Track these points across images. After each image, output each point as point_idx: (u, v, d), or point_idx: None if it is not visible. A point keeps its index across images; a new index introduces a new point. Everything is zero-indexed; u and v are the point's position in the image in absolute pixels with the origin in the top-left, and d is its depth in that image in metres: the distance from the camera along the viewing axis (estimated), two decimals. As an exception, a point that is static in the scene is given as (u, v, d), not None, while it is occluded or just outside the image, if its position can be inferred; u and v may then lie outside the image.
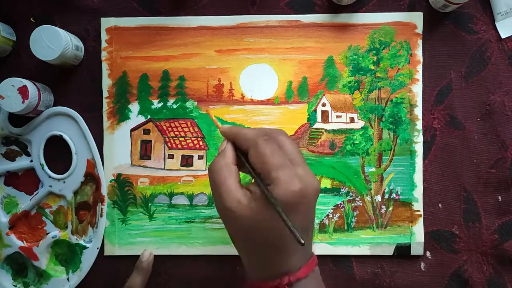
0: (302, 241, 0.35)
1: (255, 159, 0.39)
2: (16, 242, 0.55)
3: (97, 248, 0.54)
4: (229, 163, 0.40)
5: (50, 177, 0.55)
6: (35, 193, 0.55)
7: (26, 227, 0.55)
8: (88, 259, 0.54)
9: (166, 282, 0.55)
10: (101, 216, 0.54)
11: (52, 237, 0.55)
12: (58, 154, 0.55)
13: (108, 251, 0.55)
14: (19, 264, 0.55)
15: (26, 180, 0.55)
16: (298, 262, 0.39)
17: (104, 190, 0.55)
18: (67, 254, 0.55)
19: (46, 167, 0.55)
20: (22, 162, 0.55)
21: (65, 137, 0.54)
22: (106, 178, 0.55)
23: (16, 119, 0.54)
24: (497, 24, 0.54)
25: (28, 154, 0.55)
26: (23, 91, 0.50)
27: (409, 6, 0.54)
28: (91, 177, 0.55)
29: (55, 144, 0.55)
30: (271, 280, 0.38)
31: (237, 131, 0.42)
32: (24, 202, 0.55)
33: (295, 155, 0.39)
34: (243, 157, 0.41)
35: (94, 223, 0.55)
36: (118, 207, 0.55)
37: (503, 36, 0.54)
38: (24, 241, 0.55)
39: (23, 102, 0.50)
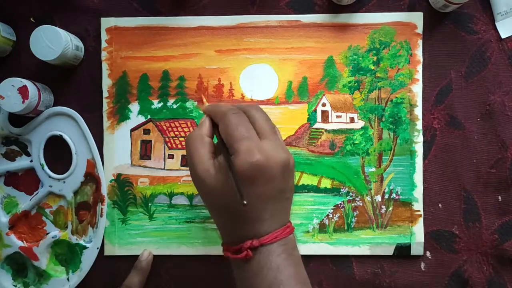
0: (244, 202, 0.37)
1: (222, 131, 0.42)
2: (16, 242, 0.55)
3: (97, 248, 0.54)
4: (203, 134, 0.43)
5: (50, 177, 0.55)
6: (35, 193, 0.55)
7: (26, 227, 0.55)
8: (88, 259, 0.54)
9: (166, 282, 0.55)
10: (101, 216, 0.54)
11: (52, 237, 0.55)
12: (58, 154, 0.55)
13: (108, 251, 0.55)
14: (19, 264, 0.55)
15: (26, 180, 0.55)
16: (268, 228, 0.41)
17: (104, 190, 0.55)
18: (67, 254, 0.55)
19: (46, 167, 0.55)
20: (22, 162, 0.55)
21: (65, 137, 0.54)
22: (106, 178, 0.55)
23: (16, 119, 0.54)
24: (497, 24, 0.54)
25: (28, 154, 0.55)
26: (23, 91, 0.50)
27: (409, 6, 0.54)
28: (91, 177, 0.55)
29: (55, 144, 0.55)
30: (236, 244, 0.41)
31: (213, 107, 0.45)
32: (24, 202, 0.55)
33: (265, 129, 0.42)
34: (216, 130, 0.43)
35: (94, 223, 0.55)
36: (118, 207, 0.55)
37: (503, 36, 0.54)
38: (24, 241, 0.55)
39: (23, 102, 0.50)
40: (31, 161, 0.55)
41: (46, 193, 0.55)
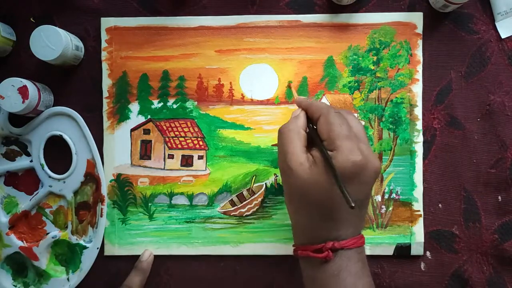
0: (353, 204, 0.36)
1: (323, 126, 0.42)
2: (16, 242, 0.55)
3: (97, 248, 0.54)
4: (300, 127, 0.43)
5: (50, 177, 0.55)
6: (35, 193, 0.55)
7: (26, 227, 0.55)
8: (88, 259, 0.54)
9: (166, 282, 0.55)
10: (101, 216, 0.54)
11: (52, 237, 0.55)
12: (58, 154, 0.55)
13: (108, 251, 0.55)
14: (19, 264, 0.55)
15: (26, 180, 0.55)
16: (346, 234, 0.41)
17: (104, 190, 0.55)
18: (67, 254, 0.55)
19: (46, 167, 0.55)
20: (22, 162, 0.55)
21: (65, 137, 0.54)
22: (106, 178, 0.55)
23: (16, 119, 0.54)
24: (497, 24, 0.54)
25: (28, 154, 0.55)
26: (23, 91, 0.50)
27: (409, 6, 0.54)
28: (91, 177, 0.55)
29: (55, 144, 0.55)
30: (316, 244, 0.41)
31: (311, 102, 0.45)
32: (24, 202, 0.55)
33: (361, 133, 0.42)
34: (310, 125, 0.44)
35: (94, 223, 0.55)
36: (118, 207, 0.55)
37: (503, 36, 0.54)
38: (24, 241, 0.55)
39: (23, 102, 0.50)
40: (31, 161, 0.55)
41: (46, 193, 0.55)
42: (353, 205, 0.37)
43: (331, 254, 0.40)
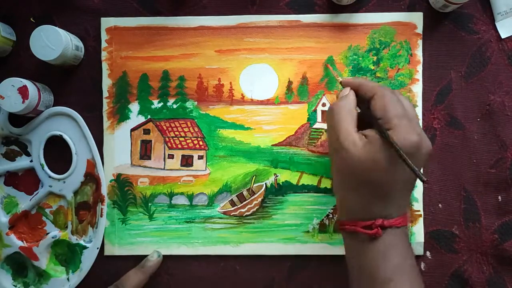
0: (425, 178, 0.38)
1: (378, 106, 0.42)
2: (16, 242, 0.55)
3: (97, 248, 0.54)
4: (351, 106, 0.44)
5: (50, 177, 0.55)
6: (35, 193, 0.55)
7: (26, 227, 0.55)
8: (88, 259, 0.54)
9: (166, 282, 0.55)
10: (101, 216, 0.54)
11: (52, 237, 0.55)
12: (58, 154, 0.55)
13: (108, 251, 0.55)
14: (19, 264, 0.55)
15: (26, 180, 0.55)
16: (394, 212, 0.42)
17: (104, 190, 0.55)
18: (67, 254, 0.55)
19: (46, 167, 0.55)
20: (22, 162, 0.55)
21: (65, 137, 0.54)
22: (106, 178, 0.55)
23: (16, 119, 0.54)
24: (497, 24, 0.54)
25: (28, 154, 0.55)
26: (23, 91, 0.50)
27: (409, 6, 0.54)
28: (91, 177, 0.55)
29: (55, 144, 0.55)
30: (366, 220, 0.41)
31: (361, 81, 0.45)
32: (24, 202, 0.55)
33: (414, 114, 0.43)
34: (362, 104, 0.44)
35: (94, 223, 0.55)
36: (118, 207, 0.55)
37: (503, 36, 0.54)
38: (24, 241, 0.55)
39: (23, 102, 0.50)
40: (31, 161, 0.55)
41: (46, 193, 0.55)
42: (425, 179, 0.38)
43: (380, 231, 0.41)
